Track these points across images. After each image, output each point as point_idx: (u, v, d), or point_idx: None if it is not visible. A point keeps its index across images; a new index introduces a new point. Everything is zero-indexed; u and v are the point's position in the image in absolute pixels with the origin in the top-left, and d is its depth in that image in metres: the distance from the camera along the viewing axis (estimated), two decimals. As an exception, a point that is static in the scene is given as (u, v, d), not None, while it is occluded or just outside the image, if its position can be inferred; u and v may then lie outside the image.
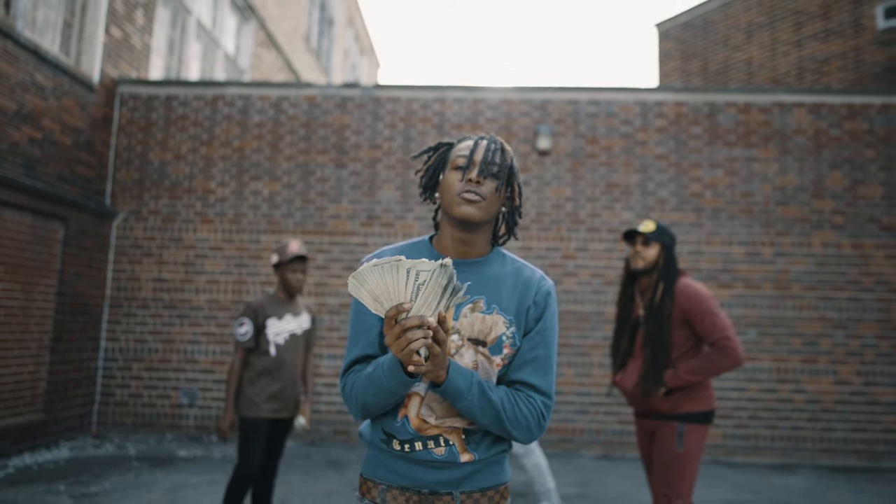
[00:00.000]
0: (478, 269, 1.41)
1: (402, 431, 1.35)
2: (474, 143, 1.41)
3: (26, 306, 5.63)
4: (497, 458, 1.40)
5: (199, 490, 4.57)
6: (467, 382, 1.28)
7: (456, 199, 1.36)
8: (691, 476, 2.63)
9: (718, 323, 2.69)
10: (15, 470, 5.00)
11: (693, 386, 2.71)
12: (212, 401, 6.57)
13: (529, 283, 1.41)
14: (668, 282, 2.73)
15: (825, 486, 5.42)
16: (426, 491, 1.34)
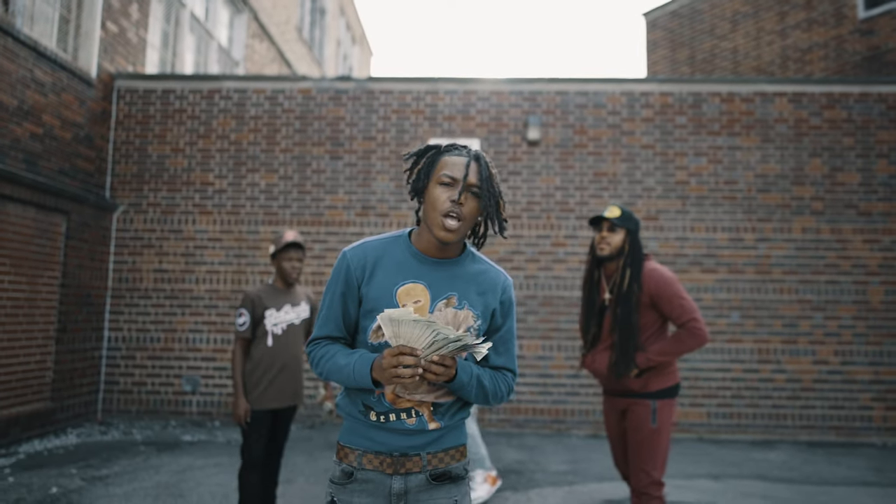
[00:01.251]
0: (451, 268, 1.61)
1: (378, 405, 1.56)
2: (463, 164, 1.54)
3: (32, 298, 5.79)
4: (458, 424, 1.63)
5: (206, 472, 4.79)
6: (468, 376, 1.53)
7: (439, 219, 1.51)
8: (665, 448, 2.81)
9: (686, 305, 2.82)
10: (26, 455, 5.19)
11: (668, 365, 2.88)
12: (214, 388, 6.77)
13: (495, 285, 1.63)
14: (635, 267, 2.83)
15: (803, 459, 5.70)
16: (397, 454, 1.55)
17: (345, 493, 1.56)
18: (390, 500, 1.55)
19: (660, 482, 2.78)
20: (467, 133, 7.09)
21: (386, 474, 1.55)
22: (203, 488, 4.35)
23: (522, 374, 6.73)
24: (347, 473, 1.57)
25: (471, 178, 1.52)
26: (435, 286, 1.56)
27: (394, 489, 1.54)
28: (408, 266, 1.57)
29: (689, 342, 2.80)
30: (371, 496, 1.55)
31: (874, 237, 6.75)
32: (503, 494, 4.37)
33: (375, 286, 1.56)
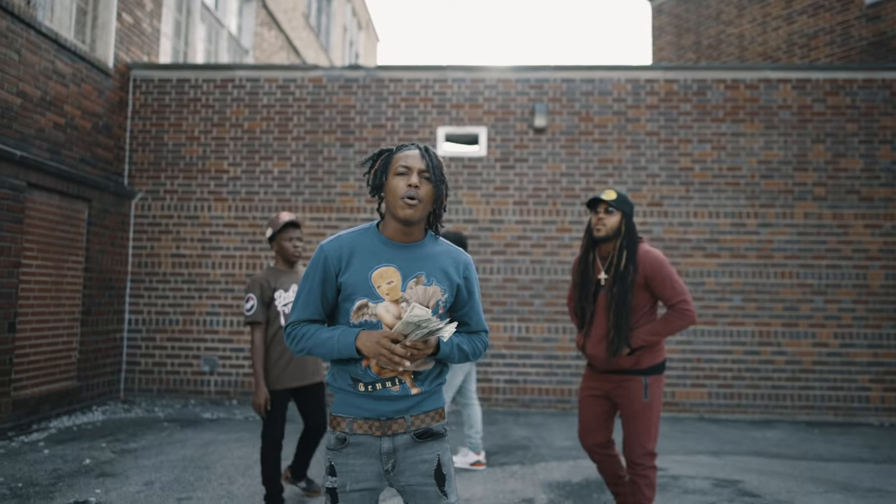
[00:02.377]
0: (417, 251, 1.81)
1: (365, 376, 1.76)
2: (416, 155, 1.77)
3: (58, 282, 6.03)
4: (436, 389, 1.85)
5: (228, 445, 5.03)
6: (450, 348, 1.79)
7: (399, 202, 1.72)
8: (657, 421, 3.00)
9: (677, 287, 2.97)
10: (57, 430, 5.46)
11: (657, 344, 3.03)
12: (231, 368, 7.02)
13: (457, 262, 1.85)
14: (631, 249, 2.96)
15: (800, 437, 5.89)
16: (384, 418, 1.76)
17: (341, 456, 1.76)
18: (381, 459, 1.76)
19: (653, 453, 2.97)
20: (475, 121, 7.24)
21: (375, 437, 1.76)
22: (227, 461, 4.60)
23: (528, 356, 6.94)
24: (341, 439, 1.77)
25: (422, 166, 1.75)
26: (405, 267, 1.77)
27: (383, 449, 1.75)
28: (379, 252, 1.78)
29: (678, 322, 2.95)
30: (364, 457, 1.75)
31: (875, 222, 6.88)
32: (511, 468, 4.60)
33: (353, 272, 1.75)
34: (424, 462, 1.77)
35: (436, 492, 1.76)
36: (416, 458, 1.77)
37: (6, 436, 5.16)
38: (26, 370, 5.58)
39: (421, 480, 1.76)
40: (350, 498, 1.74)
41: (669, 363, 6.87)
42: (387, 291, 1.74)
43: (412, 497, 1.77)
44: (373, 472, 1.76)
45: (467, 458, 4.56)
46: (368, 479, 1.76)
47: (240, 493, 3.90)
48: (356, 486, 1.75)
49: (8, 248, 5.26)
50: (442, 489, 1.76)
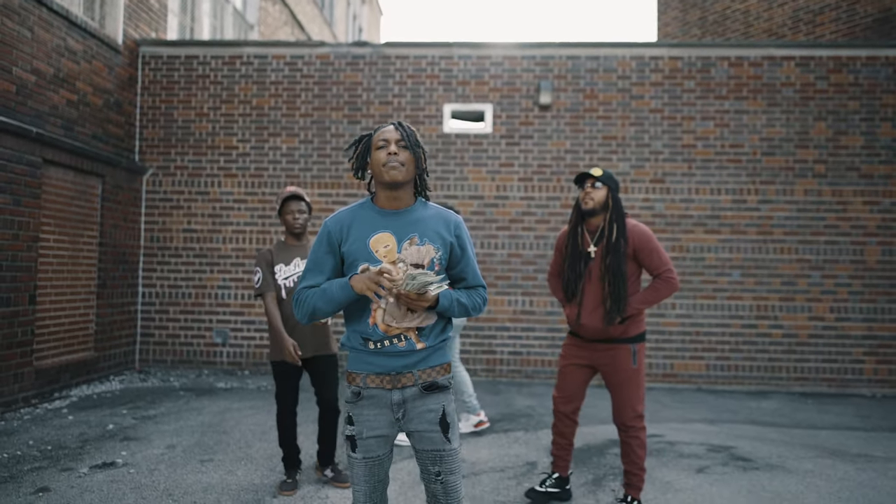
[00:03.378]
0: (407, 216, 1.98)
1: (374, 335, 1.94)
2: (390, 128, 1.97)
3: (74, 256, 6.20)
4: (441, 345, 2.02)
5: (243, 413, 5.25)
6: (449, 301, 1.96)
7: (383, 169, 1.92)
8: (643, 385, 3.19)
9: (663, 258, 3.16)
10: (78, 398, 5.69)
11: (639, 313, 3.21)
12: (242, 340, 7.22)
13: (448, 223, 2.01)
14: (620, 222, 3.13)
15: (794, 407, 6.10)
16: (394, 372, 1.94)
17: (357, 408, 1.97)
18: (392, 409, 1.95)
19: (643, 415, 3.18)
20: (480, 98, 7.32)
21: (386, 389, 1.95)
22: (243, 426, 4.81)
23: (532, 329, 7.13)
24: (356, 393, 1.97)
25: (398, 136, 1.94)
26: (398, 231, 1.94)
27: (394, 400, 1.95)
28: (374, 221, 1.96)
29: (664, 290, 3.14)
30: (377, 407, 1.95)
31: (874, 199, 6.99)
32: (515, 434, 4.80)
33: (353, 241, 1.94)
34: (430, 411, 1.96)
35: (440, 437, 1.95)
36: (424, 408, 1.96)
37: (30, 403, 5.38)
38: (47, 341, 5.78)
39: (428, 427, 1.95)
40: (367, 444, 1.95)
41: (669, 336, 7.06)
42: (384, 254, 1.93)
43: (419, 441, 1.97)
44: (385, 421, 1.96)
45: (469, 422, 4.75)
46: (382, 426, 1.96)
47: (257, 456, 4.11)
48: (371, 433, 1.95)
49: (27, 223, 5.42)
50: (446, 436, 1.96)
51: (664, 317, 7.06)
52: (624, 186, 7.17)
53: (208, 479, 3.67)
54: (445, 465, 1.95)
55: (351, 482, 2.00)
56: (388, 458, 2.01)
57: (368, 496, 1.97)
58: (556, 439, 3.40)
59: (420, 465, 2.00)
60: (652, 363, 7.04)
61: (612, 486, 3.69)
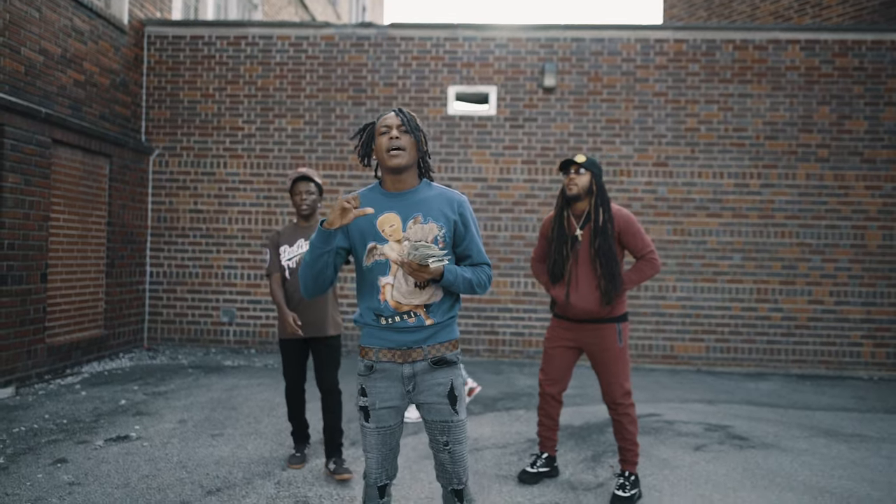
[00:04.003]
0: (412, 197, 2.08)
1: (385, 311, 2.04)
2: (391, 114, 2.06)
3: (84, 235, 6.29)
4: (448, 322, 2.11)
5: (251, 390, 5.37)
6: (454, 276, 2.03)
7: (386, 155, 2.02)
8: (629, 362, 3.32)
9: (646, 240, 3.29)
10: (90, 375, 5.81)
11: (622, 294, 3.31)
12: (248, 319, 7.34)
13: (451, 202, 2.09)
14: (606, 206, 3.23)
15: (791, 389, 6.20)
16: (405, 347, 2.05)
17: (369, 380, 2.08)
18: (403, 382, 2.06)
19: (630, 392, 3.29)
20: (485, 80, 7.33)
21: (398, 363, 2.06)
22: (252, 402, 4.93)
23: (534, 310, 7.22)
24: (369, 366, 2.08)
25: (398, 122, 2.04)
26: (403, 211, 2.05)
27: (404, 374, 2.06)
28: (381, 202, 2.06)
29: (648, 271, 3.27)
30: (388, 380, 2.07)
31: (876, 183, 7.02)
32: (516, 412, 4.92)
33: (361, 221, 2.05)
34: (439, 385, 2.07)
35: (448, 409, 2.07)
36: (433, 382, 2.07)
37: (43, 379, 5.51)
38: (58, 318, 5.90)
39: (437, 400, 2.07)
40: (379, 414, 2.06)
41: (669, 318, 7.15)
42: (390, 233, 2.03)
43: (428, 413, 2.09)
44: (396, 393, 2.07)
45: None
46: (393, 398, 2.07)
47: (266, 431, 4.23)
48: (383, 404, 2.06)
49: (38, 203, 5.50)
50: (454, 408, 2.07)
51: (665, 299, 7.15)
52: (626, 170, 7.21)
53: (219, 452, 3.79)
54: (453, 436, 2.07)
55: (364, 450, 2.11)
56: (399, 427, 2.12)
57: (380, 463, 2.09)
58: (543, 420, 3.50)
59: (429, 434, 2.12)
60: (652, 345, 7.14)
61: (611, 462, 3.81)
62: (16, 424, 4.22)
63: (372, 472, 2.09)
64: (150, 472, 3.42)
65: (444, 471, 2.11)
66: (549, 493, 3.30)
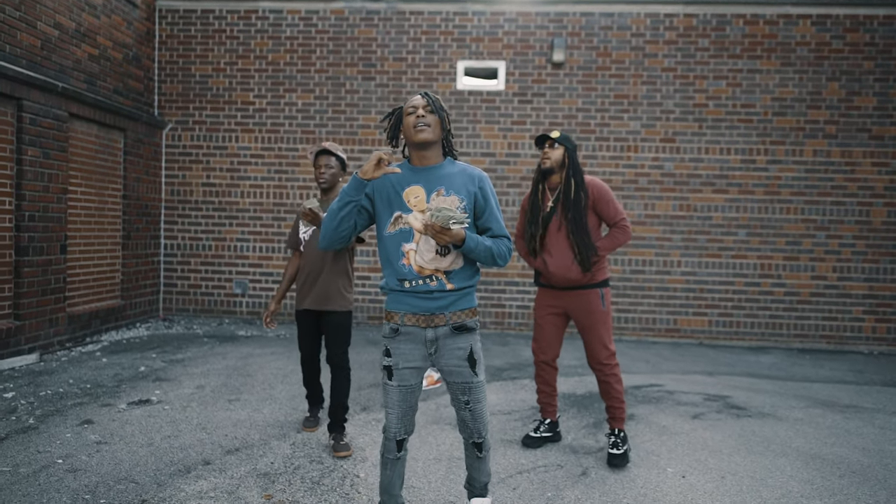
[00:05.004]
0: (436, 171, 2.24)
1: (409, 275, 2.19)
2: (418, 96, 2.25)
3: (101, 208, 6.44)
4: (468, 290, 2.26)
5: (265, 358, 5.56)
6: (475, 242, 2.16)
7: (412, 131, 2.20)
8: (611, 325, 3.50)
9: (619, 208, 3.43)
10: (109, 343, 6.02)
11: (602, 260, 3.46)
12: (261, 290, 7.51)
13: (472, 177, 2.26)
14: (578, 178, 3.37)
15: (791, 362, 6.33)
16: (428, 313, 2.21)
17: (394, 342, 2.25)
18: (426, 345, 2.24)
19: (614, 352, 3.47)
20: (494, 55, 7.36)
21: (421, 328, 2.23)
22: (266, 370, 5.12)
23: (540, 284, 7.34)
24: (394, 329, 2.25)
25: (424, 103, 2.23)
26: (427, 185, 2.22)
27: (427, 337, 2.23)
28: (407, 176, 2.24)
29: (620, 237, 3.43)
30: (412, 343, 2.24)
31: (883, 160, 7.05)
32: (521, 381, 5.08)
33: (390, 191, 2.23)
34: (460, 349, 2.24)
35: (469, 371, 2.25)
36: (454, 346, 2.23)
37: (65, 346, 5.72)
38: (77, 288, 6.08)
39: (457, 363, 2.24)
40: (402, 374, 2.24)
41: (673, 293, 7.26)
42: (415, 204, 2.20)
43: (450, 375, 2.26)
44: (419, 355, 2.24)
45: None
46: (416, 359, 2.24)
47: (280, 396, 4.41)
48: (407, 364, 2.24)
49: (56, 176, 5.64)
50: (473, 370, 2.25)
51: (670, 274, 7.25)
52: (634, 145, 7.26)
53: (237, 415, 3.97)
54: (473, 395, 2.26)
55: (384, 406, 2.28)
56: (419, 387, 2.29)
57: (400, 419, 2.26)
58: (541, 387, 3.67)
59: (451, 394, 2.31)
60: (656, 318, 7.27)
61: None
62: (42, 388, 4.42)
63: (392, 426, 2.27)
64: (171, 433, 3.61)
65: (465, 426, 2.32)
66: (552, 456, 3.46)
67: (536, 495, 2.95)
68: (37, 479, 2.93)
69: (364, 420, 3.97)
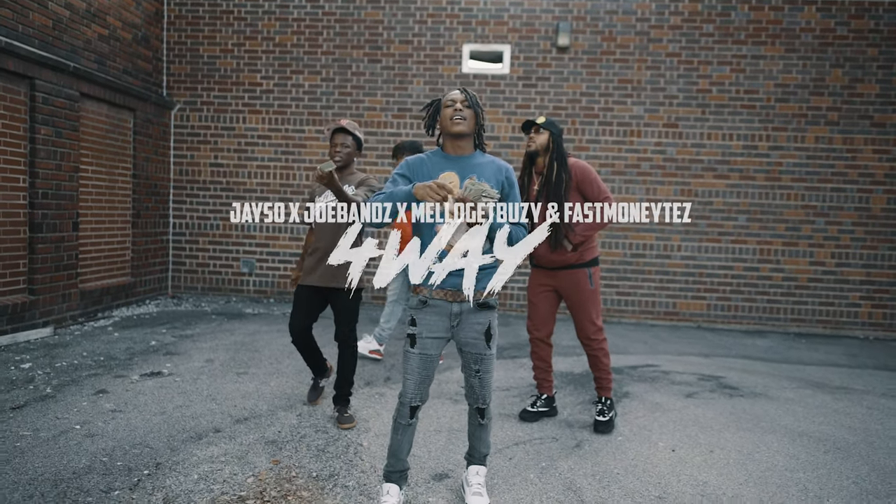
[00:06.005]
0: (469, 161, 2.45)
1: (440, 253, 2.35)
2: (457, 91, 2.46)
3: (111, 186, 6.57)
4: (491, 272, 2.38)
5: (271, 335, 5.71)
6: (497, 224, 2.34)
7: (449, 122, 2.41)
8: (600, 302, 3.67)
9: (603, 188, 3.57)
10: (120, 319, 6.18)
11: (589, 240, 3.59)
12: (267, 270, 7.65)
13: (500, 168, 2.48)
14: (560, 161, 3.53)
15: (787, 346, 6.45)
16: (455, 289, 2.38)
17: (421, 313, 2.43)
18: (450, 318, 2.43)
19: (602, 328, 3.66)
20: (499, 38, 7.40)
21: (448, 302, 2.42)
22: (273, 346, 5.27)
23: (542, 267, 7.46)
24: (423, 301, 2.42)
25: (463, 97, 2.44)
26: (461, 172, 2.41)
27: (453, 311, 2.43)
28: (443, 163, 2.44)
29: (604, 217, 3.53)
30: (437, 315, 2.43)
31: (884, 147, 7.09)
32: (521, 360, 5.22)
33: (425, 176, 2.40)
34: (479, 324, 2.45)
35: (484, 345, 2.47)
36: (474, 321, 2.44)
37: (77, 321, 5.88)
38: (89, 265, 6.24)
39: (475, 336, 2.45)
40: (425, 342, 2.43)
41: (673, 276, 7.37)
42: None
43: (466, 346, 2.47)
44: (443, 327, 2.44)
45: (369, 346, 4.96)
46: (439, 331, 2.44)
47: (287, 370, 4.56)
48: (430, 334, 2.43)
49: (68, 154, 5.76)
50: (488, 344, 2.48)
51: (670, 258, 7.35)
52: (637, 130, 7.32)
53: (245, 387, 4.12)
54: (484, 365, 2.49)
55: (404, 374, 2.46)
56: (437, 358, 2.47)
57: (417, 386, 2.44)
58: (537, 364, 3.83)
59: (464, 362, 2.52)
60: (655, 301, 7.39)
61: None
62: (57, 360, 4.58)
63: (409, 392, 2.44)
64: (183, 403, 3.76)
65: (472, 392, 2.53)
66: (548, 430, 3.60)
67: (531, 465, 3.09)
68: (56, 442, 3.09)
69: (368, 394, 4.12)
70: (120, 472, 2.80)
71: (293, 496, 2.64)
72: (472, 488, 2.60)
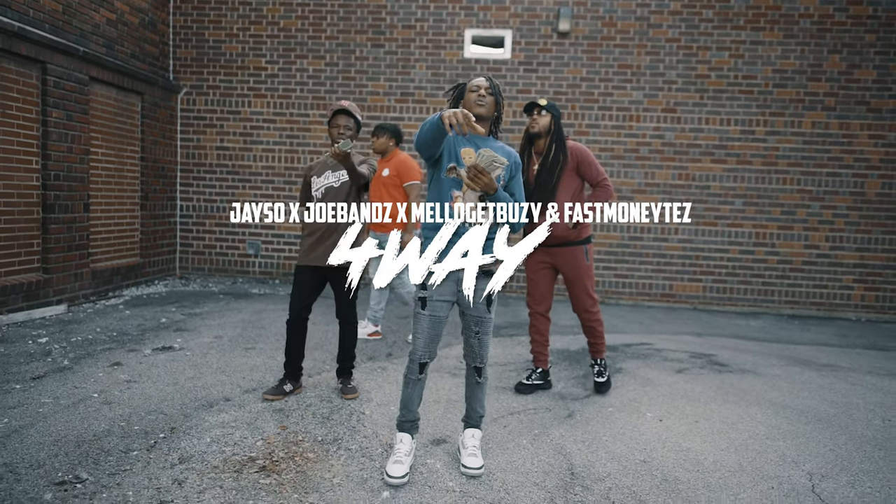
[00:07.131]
0: (485, 142, 2.72)
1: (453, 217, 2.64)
2: (482, 78, 2.71)
3: (120, 169, 6.73)
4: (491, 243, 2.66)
5: (277, 314, 5.89)
6: (504, 197, 2.63)
7: (474, 104, 2.68)
8: (593, 276, 3.91)
9: (600, 169, 3.78)
10: (130, 298, 6.37)
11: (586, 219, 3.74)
12: (273, 251, 7.82)
13: (509, 153, 2.76)
14: (559, 142, 3.71)
15: (779, 327, 6.61)
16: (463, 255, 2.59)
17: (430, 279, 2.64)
18: (458, 283, 2.67)
19: (596, 299, 3.90)
20: (501, 23, 7.49)
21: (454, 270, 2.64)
22: (279, 324, 5.45)
23: (541, 249, 7.61)
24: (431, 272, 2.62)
25: (487, 84, 2.71)
26: (477, 149, 2.67)
27: (460, 276, 2.67)
28: (463, 140, 2.70)
29: (602, 196, 3.76)
30: (447, 280, 2.66)
31: (880, 133, 7.19)
32: (519, 338, 5.39)
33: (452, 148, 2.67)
34: (481, 290, 2.69)
35: (484, 308, 2.72)
36: (477, 287, 2.67)
37: (89, 300, 6.07)
38: (100, 245, 6.41)
39: (477, 300, 2.69)
40: (434, 304, 2.66)
41: (670, 259, 7.51)
42: (467, 161, 2.65)
43: (468, 308, 2.71)
44: (451, 291, 2.69)
45: (366, 330, 5.10)
46: (447, 294, 2.68)
47: (293, 347, 4.74)
48: (440, 297, 2.66)
49: (78, 137, 5.91)
50: (488, 308, 2.74)
51: (667, 241, 7.49)
52: (636, 115, 7.43)
53: (252, 361, 4.30)
54: (483, 327, 2.74)
55: (413, 333, 2.69)
56: (445, 319, 2.70)
57: (427, 344, 2.67)
58: (535, 337, 4.03)
59: (464, 324, 2.77)
60: (652, 284, 7.54)
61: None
62: (73, 335, 4.77)
63: (418, 350, 2.67)
64: (194, 375, 3.94)
65: (471, 351, 2.77)
66: (541, 401, 3.78)
67: (524, 432, 3.27)
68: (76, 409, 3.27)
69: (370, 368, 4.30)
70: (137, 435, 2.99)
71: (300, 457, 2.83)
72: (468, 450, 2.78)
